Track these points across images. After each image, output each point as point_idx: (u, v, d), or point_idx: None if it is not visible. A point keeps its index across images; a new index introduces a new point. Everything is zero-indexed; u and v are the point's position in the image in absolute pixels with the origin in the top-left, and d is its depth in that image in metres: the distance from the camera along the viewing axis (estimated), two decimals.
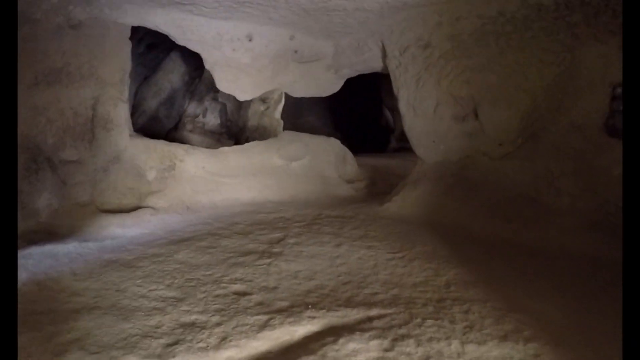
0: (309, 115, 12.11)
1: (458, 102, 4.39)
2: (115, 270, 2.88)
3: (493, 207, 4.11)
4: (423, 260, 3.18)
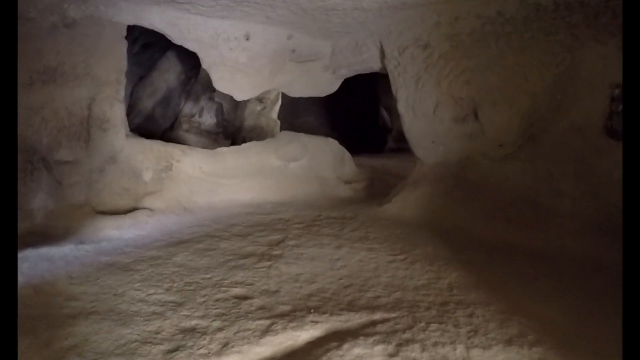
0: (306, 116, 12.07)
1: (458, 103, 4.36)
2: (113, 274, 2.83)
3: (493, 209, 4.09)
4: (424, 263, 3.16)
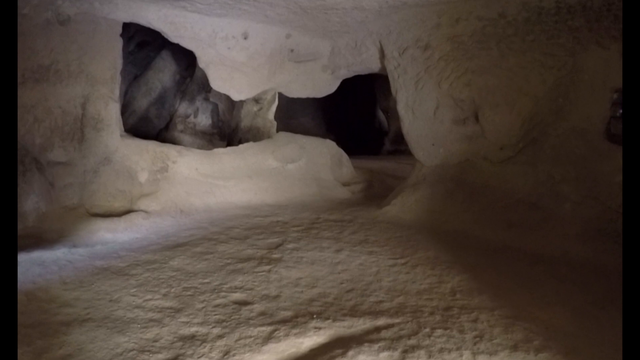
0: (302, 117, 12.03)
1: (458, 104, 4.33)
2: (107, 279, 2.74)
3: (494, 212, 4.06)
4: (426, 267, 3.12)
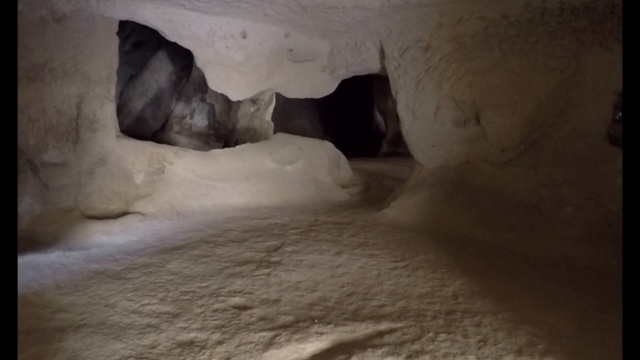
0: (299, 118, 12.00)
1: (459, 106, 4.29)
2: (103, 283, 2.68)
3: (494, 215, 4.02)
4: (427, 270, 3.08)
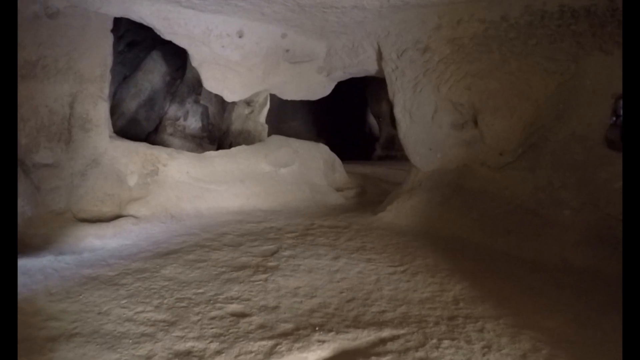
0: (293, 121, 11.95)
1: (457, 109, 4.26)
2: (96, 289, 2.59)
3: (492, 218, 4.00)
4: (426, 274, 3.06)
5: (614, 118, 5.82)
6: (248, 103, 7.53)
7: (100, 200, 4.20)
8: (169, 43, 5.02)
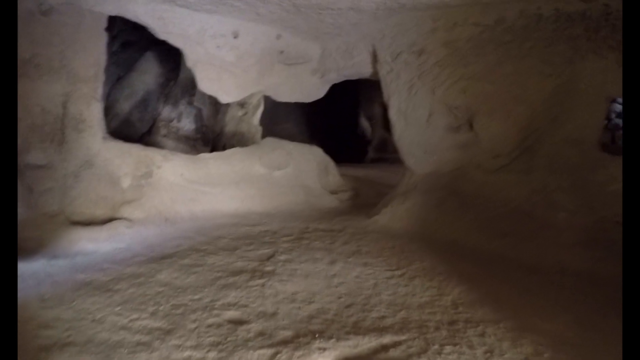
0: (286, 122, 11.90)
1: (452, 111, 4.26)
2: (90, 295, 2.54)
3: (487, 221, 4.00)
4: (424, 278, 3.04)
5: (606, 121, 5.86)
6: (242, 105, 7.48)
7: (94, 203, 4.13)
8: (163, 44, 4.95)
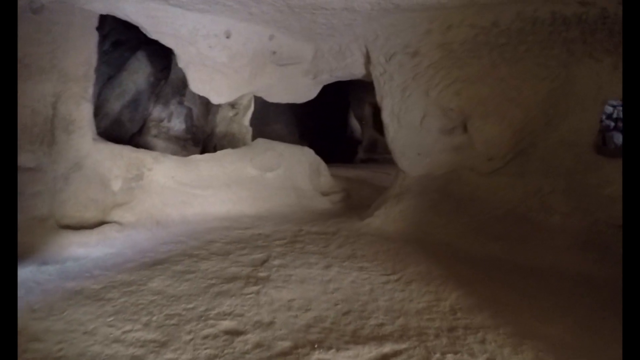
0: (276, 123, 11.84)
1: (446, 114, 4.24)
2: (81, 305, 2.47)
3: (481, 224, 4.00)
4: (420, 283, 3.02)
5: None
6: (233, 105, 7.41)
7: (84, 206, 4.02)
8: (154, 43, 4.86)
